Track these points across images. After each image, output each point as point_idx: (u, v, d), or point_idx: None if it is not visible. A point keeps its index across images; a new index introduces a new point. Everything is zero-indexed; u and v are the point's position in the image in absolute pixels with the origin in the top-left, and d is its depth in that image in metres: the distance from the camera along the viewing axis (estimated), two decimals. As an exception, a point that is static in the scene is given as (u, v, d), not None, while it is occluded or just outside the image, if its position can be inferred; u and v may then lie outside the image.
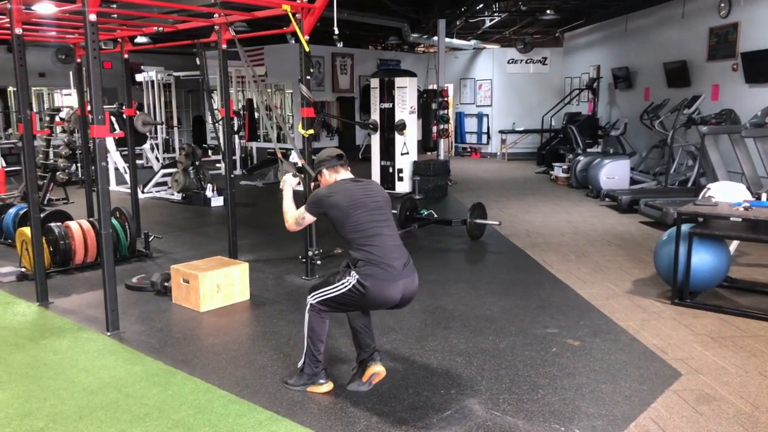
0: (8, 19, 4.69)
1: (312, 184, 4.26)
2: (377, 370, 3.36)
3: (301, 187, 4.15)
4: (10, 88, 14.55)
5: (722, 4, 9.29)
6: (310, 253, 5.44)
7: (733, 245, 5.48)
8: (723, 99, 9.29)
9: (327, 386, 3.38)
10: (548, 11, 12.96)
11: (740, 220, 4.52)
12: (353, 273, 3.13)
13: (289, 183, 3.65)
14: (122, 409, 3.19)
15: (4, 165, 11.66)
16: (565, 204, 9.31)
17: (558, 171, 11.70)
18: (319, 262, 5.52)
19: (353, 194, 3.27)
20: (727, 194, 5.29)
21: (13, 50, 4.66)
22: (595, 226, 7.71)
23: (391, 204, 3.47)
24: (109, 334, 4.22)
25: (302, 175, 4.07)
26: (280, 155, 5.03)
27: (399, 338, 4.11)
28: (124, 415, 3.13)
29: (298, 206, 3.50)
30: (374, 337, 3.46)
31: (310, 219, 3.40)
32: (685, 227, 4.67)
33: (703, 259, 4.62)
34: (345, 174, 3.44)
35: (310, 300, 3.30)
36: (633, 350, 3.90)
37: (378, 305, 3.24)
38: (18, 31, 4.66)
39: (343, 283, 3.16)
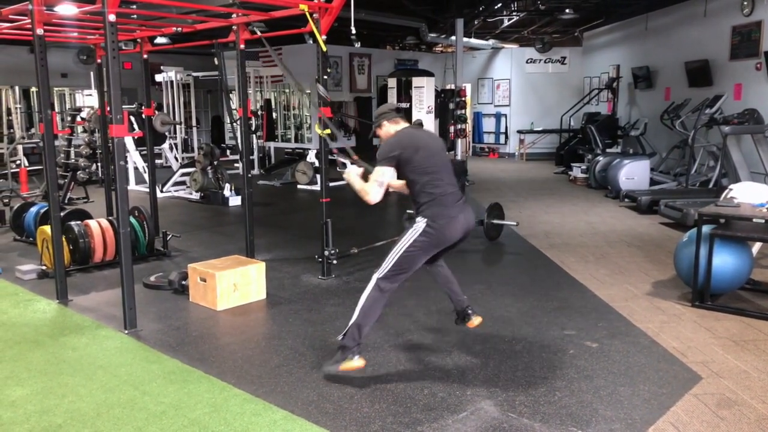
0: (30, 20, 4.75)
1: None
2: (477, 322, 3.82)
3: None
4: (33, 89, 14.76)
5: (745, 2, 9.15)
6: (326, 253, 5.45)
7: (756, 247, 5.38)
8: (746, 98, 9.15)
9: (359, 362, 3.47)
10: (567, 10, 12.84)
11: (763, 221, 4.44)
12: (420, 218, 3.44)
13: (354, 172, 3.75)
14: (139, 407, 3.22)
15: (27, 164, 11.84)
16: (583, 205, 9.23)
17: (577, 171, 11.59)
18: (335, 262, 5.52)
19: (420, 137, 3.58)
20: (749, 195, 5.19)
21: (34, 51, 4.71)
22: (614, 227, 7.62)
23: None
24: (126, 332, 4.26)
25: (362, 165, 4.09)
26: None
27: (415, 339, 4.10)
28: (140, 413, 3.15)
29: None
30: (459, 291, 3.84)
31: (388, 172, 3.47)
32: (706, 228, 4.60)
33: (724, 261, 4.55)
34: (403, 123, 3.71)
35: (378, 276, 3.47)
36: (652, 353, 3.85)
37: (446, 242, 3.49)
38: (39, 32, 4.71)
39: (411, 234, 3.42)
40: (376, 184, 3.46)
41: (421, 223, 3.42)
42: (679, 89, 11.02)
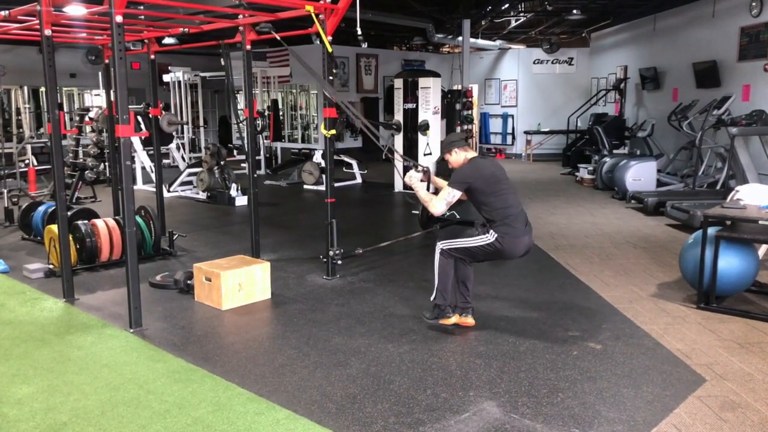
0: (38, 21, 4.78)
1: (415, 171, 4.35)
2: (469, 321, 4.21)
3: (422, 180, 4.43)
4: (42, 89, 14.86)
5: (753, 3, 9.11)
6: (331, 253, 5.46)
7: (762, 249, 5.36)
8: (754, 100, 9.11)
9: (454, 318, 4.15)
10: (575, 11, 12.83)
11: (769, 223, 4.43)
12: (492, 232, 3.94)
13: (416, 177, 4.23)
14: (143, 406, 3.24)
15: (35, 164, 11.92)
16: (590, 206, 9.21)
17: (583, 172, 11.56)
18: (340, 262, 5.53)
19: (489, 168, 4.02)
20: (756, 197, 5.18)
21: (42, 51, 4.75)
22: (620, 228, 7.60)
23: None
24: (132, 331, 4.29)
25: (424, 169, 4.36)
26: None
27: (418, 339, 4.10)
28: (144, 412, 3.18)
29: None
30: (471, 294, 4.23)
31: (458, 194, 4.00)
32: (711, 230, 4.58)
33: (730, 263, 4.53)
34: (472, 152, 4.12)
35: (442, 246, 4.06)
36: (656, 355, 3.84)
37: (506, 257, 4.10)
38: (47, 32, 4.75)
39: (481, 239, 3.96)
40: (445, 201, 3.99)
41: (491, 236, 3.93)
42: (687, 90, 10.98)
